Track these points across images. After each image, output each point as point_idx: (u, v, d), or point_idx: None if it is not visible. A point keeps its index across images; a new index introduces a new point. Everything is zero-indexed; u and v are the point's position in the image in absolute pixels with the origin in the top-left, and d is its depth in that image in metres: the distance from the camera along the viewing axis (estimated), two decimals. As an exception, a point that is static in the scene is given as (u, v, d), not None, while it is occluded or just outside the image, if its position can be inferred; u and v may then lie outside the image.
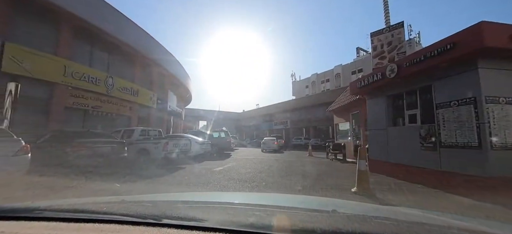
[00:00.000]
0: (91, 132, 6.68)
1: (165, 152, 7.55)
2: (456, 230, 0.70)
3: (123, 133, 8.56)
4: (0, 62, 8.30)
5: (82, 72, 11.20)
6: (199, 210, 0.90)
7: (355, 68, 40.25)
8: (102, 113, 12.70)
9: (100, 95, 12.38)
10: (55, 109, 10.13)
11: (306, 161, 10.85)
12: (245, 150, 20.16)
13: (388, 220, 0.82)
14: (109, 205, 0.88)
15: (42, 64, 9.50)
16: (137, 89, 15.04)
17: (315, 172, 7.31)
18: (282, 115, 39.20)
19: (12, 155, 4.28)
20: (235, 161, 10.32)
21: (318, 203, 1.51)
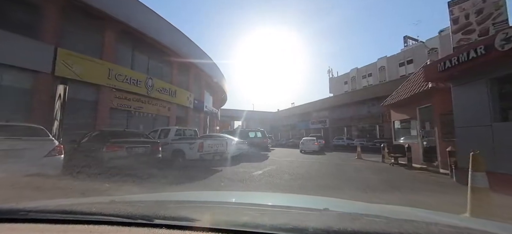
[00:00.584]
0: (127, 131, 6.47)
1: (200, 153, 6.96)
2: (442, 226, 0.72)
3: (160, 132, 8.33)
4: (54, 67, 8.84)
5: (125, 75, 11.58)
6: (191, 210, 0.90)
7: (404, 59, 35.74)
8: (143, 114, 13.07)
9: (141, 97, 12.72)
10: (102, 111, 10.59)
11: (358, 165, 9.23)
12: (282, 151, 19.02)
13: (379, 217, 0.83)
14: (98, 205, 0.86)
15: (89, 68, 9.97)
16: (175, 90, 15.24)
17: (380, 182, 5.78)
18: (319, 114, 36.81)
19: (44, 155, 4.01)
20: (274, 164, 9.32)
21: (311, 201, 1.56)
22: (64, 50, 9.18)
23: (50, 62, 8.79)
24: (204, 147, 7.01)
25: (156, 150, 6.15)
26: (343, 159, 11.91)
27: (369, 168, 8.22)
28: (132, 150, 5.52)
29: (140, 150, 5.68)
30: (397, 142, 8.99)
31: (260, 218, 0.76)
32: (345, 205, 1.40)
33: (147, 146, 5.87)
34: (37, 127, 4.67)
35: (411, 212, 1.14)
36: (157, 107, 13.93)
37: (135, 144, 5.65)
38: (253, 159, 10.70)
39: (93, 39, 10.70)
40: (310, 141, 17.57)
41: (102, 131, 5.80)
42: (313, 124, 37.58)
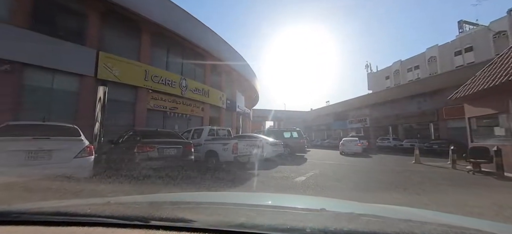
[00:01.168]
0: (159, 131, 6.18)
1: (235, 155, 6.31)
2: (436, 225, 0.71)
3: (193, 132, 7.98)
4: (96, 70, 9.21)
5: (160, 76, 11.71)
6: (187, 211, 0.88)
7: (461, 46, 30.94)
8: (178, 115, 13.15)
9: (176, 97, 12.79)
10: (139, 112, 10.81)
11: (424, 172, 7.56)
12: (318, 152, 17.58)
13: (375, 217, 0.84)
14: (93, 207, 0.84)
15: (127, 70, 10.23)
16: (207, 89, 15.13)
17: (491, 204, 4.23)
18: (358, 112, 33.79)
19: (74, 156, 3.72)
20: (316, 167, 8.23)
21: (308, 202, 1.56)
22: (105, 54, 9.52)
23: (93, 66, 9.17)
24: (238, 148, 6.35)
25: (189, 151, 5.68)
26: (397, 163, 10.17)
27: (443, 177, 6.51)
28: (163, 151, 5.12)
29: (172, 151, 5.25)
30: (477, 144, 7.06)
31: (257, 218, 0.76)
32: (342, 205, 1.43)
33: (179, 146, 5.42)
34: (70, 126, 4.51)
35: (407, 211, 1.17)
36: (191, 108, 13.93)
37: (166, 144, 5.24)
38: (290, 162, 9.74)
39: (130, 42, 11.02)
40: (351, 142, 15.84)
41: (135, 130, 5.58)
42: (351, 123, 34.73)
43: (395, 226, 0.65)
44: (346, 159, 12.07)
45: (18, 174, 3.23)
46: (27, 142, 3.44)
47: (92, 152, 4.08)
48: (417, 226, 0.67)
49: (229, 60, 17.27)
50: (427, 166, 9.00)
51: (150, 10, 10.78)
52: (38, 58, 7.96)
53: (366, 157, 14.14)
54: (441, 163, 10.12)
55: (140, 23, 10.90)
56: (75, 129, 4.45)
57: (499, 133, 6.69)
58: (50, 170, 3.47)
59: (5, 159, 3.24)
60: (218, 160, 6.59)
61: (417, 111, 24.66)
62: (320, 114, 44.18)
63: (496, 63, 6.70)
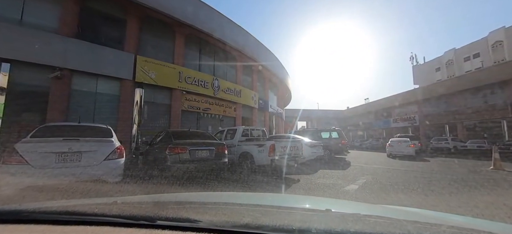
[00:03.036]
0: (191, 132, 5.83)
1: (271, 157, 5.62)
2: (445, 227, 0.69)
3: (226, 133, 7.55)
4: (134, 73, 9.49)
5: (193, 77, 11.71)
6: (193, 211, 0.88)
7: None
8: (210, 115, 13.05)
9: (208, 98, 12.70)
10: (174, 113, 10.91)
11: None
12: (360, 154, 15.84)
13: (382, 218, 0.81)
14: (100, 206, 0.84)
15: (162, 73, 10.38)
16: (239, 89, 14.79)
17: None
18: (404, 109, 30.15)
19: (104, 158, 3.47)
20: (366, 173, 7.05)
21: (313, 202, 1.52)
22: (142, 58, 9.78)
23: (131, 70, 9.47)
24: (276, 149, 5.64)
25: (222, 153, 5.19)
26: (469, 170, 8.26)
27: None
28: (195, 153, 4.70)
29: (204, 153, 4.80)
30: None
31: (262, 218, 0.75)
32: (348, 205, 1.42)
33: (211, 148, 4.95)
34: (104, 127, 4.37)
35: (415, 213, 1.14)
36: (224, 108, 13.73)
37: (199, 146, 4.82)
38: (332, 166, 8.67)
39: (165, 45, 11.22)
40: (402, 143, 13.79)
41: (167, 131, 5.32)
42: (396, 122, 31.20)
43: (403, 228, 0.65)
44: (398, 163, 10.41)
45: (48, 176, 3.04)
46: (58, 143, 3.28)
47: (123, 153, 3.81)
48: (425, 227, 0.66)
49: (261, 59, 16.74)
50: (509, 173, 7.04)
51: (183, 11, 10.83)
52: (83, 65, 8.46)
53: (421, 160, 12.09)
54: (533, 169, 7.91)
55: (174, 26, 11.03)
56: (108, 129, 4.28)
57: None
58: (79, 173, 3.25)
59: (37, 161, 3.10)
60: (253, 163, 5.98)
61: (483, 106, 20.73)
62: (358, 112, 40.90)
63: None
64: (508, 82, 18.59)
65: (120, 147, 3.79)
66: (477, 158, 12.85)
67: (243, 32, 14.99)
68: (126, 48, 9.59)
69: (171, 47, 11.32)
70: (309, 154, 8.38)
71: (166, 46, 11.23)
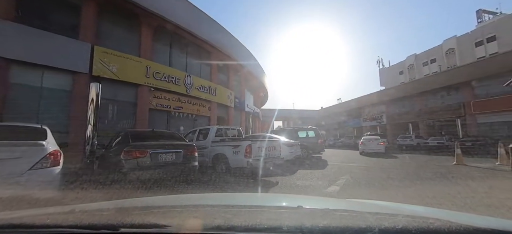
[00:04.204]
0: (155, 132, 5.07)
1: (248, 159, 5.14)
2: (402, 216, 0.74)
3: (198, 133, 6.88)
4: (91, 66, 8.30)
5: (163, 72, 10.73)
6: (160, 215, 0.85)
7: (482, 36, 28.97)
8: (183, 114, 12.15)
9: (180, 96, 11.80)
10: (141, 112, 9.85)
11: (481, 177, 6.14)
12: (335, 153, 16.16)
13: (347, 212, 0.90)
14: (54, 216, 0.77)
15: (127, 66, 9.29)
16: (214, 87, 14.07)
17: None
18: (374, 109, 31.95)
19: (30, 167, 2.66)
20: (344, 172, 6.95)
21: (285, 200, 1.52)
22: (101, 48, 8.61)
23: (87, 62, 8.26)
24: (252, 150, 5.17)
25: (191, 156, 4.55)
26: (435, 165, 8.69)
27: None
28: (158, 157, 4.01)
29: (169, 156, 4.13)
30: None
31: (233, 219, 0.73)
32: (318, 201, 1.48)
33: (178, 151, 4.29)
34: (37, 127, 3.50)
35: (377, 205, 1.19)
36: (197, 107, 12.90)
37: (162, 148, 4.12)
38: (310, 165, 8.49)
39: (129, 36, 10.10)
40: (373, 141, 14.37)
41: (126, 132, 4.52)
42: (365, 121, 32.93)
43: (366, 220, 0.71)
44: (371, 160, 10.66)
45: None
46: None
47: (59, 160, 3.01)
48: (384, 218, 0.72)
49: (237, 57, 16.19)
50: (477, 169, 7.51)
51: (151, 0, 9.82)
52: (25, 54, 7.11)
53: (391, 157, 12.66)
54: (488, 163, 8.58)
55: (140, 16, 9.96)
56: (43, 130, 3.41)
57: None
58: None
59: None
60: (228, 165, 5.44)
61: (441, 106, 22.72)
62: (331, 112, 42.50)
63: None
64: (461, 85, 20.60)
65: (55, 152, 2.98)
66: (439, 154, 13.87)
67: (218, 27, 14.30)
68: (81, 37, 8.35)
69: (137, 39, 10.22)
70: (287, 154, 8.08)
71: (131, 38, 10.10)
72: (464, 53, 29.84)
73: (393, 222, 0.65)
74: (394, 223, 0.64)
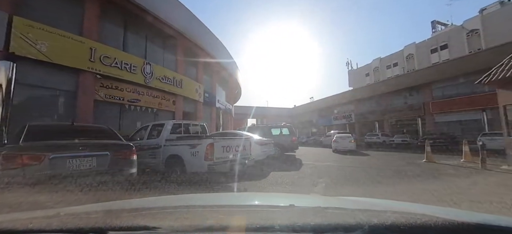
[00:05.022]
0: (74, 127, 3.65)
1: (210, 161, 4.07)
2: (391, 213, 0.76)
3: (150, 129, 5.57)
4: (8, 41, 6.36)
5: (114, 58, 8.98)
6: (150, 217, 0.82)
7: (437, 44, 31.65)
8: (141, 108, 10.49)
9: (138, 86, 10.13)
10: (83, 103, 8.05)
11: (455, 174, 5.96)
12: (308, 151, 15.85)
13: (337, 209, 0.91)
14: (38, 220, 0.71)
15: (63, 46, 7.43)
16: (180, 79, 12.56)
17: None
18: (344, 108, 33.03)
19: None
20: (321, 173, 6.30)
21: (277, 199, 1.54)
22: (23, 20, 6.67)
23: (3, 36, 6.31)
24: (215, 151, 4.11)
25: (125, 160, 3.30)
26: (407, 162, 8.61)
27: (497, 183, 4.87)
28: (65, 163, 2.71)
29: (86, 162, 2.85)
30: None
31: (225, 219, 0.75)
32: (309, 199, 1.49)
33: (102, 154, 3.03)
34: None
35: (366, 202, 1.21)
36: (159, 100, 11.31)
37: (73, 150, 2.83)
38: (284, 165, 7.74)
39: (67, 9, 8.17)
40: (345, 139, 14.35)
41: (29, 126, 3.10)
42: (336, 120, 33.89)
43: (356, 217, 0.70)
44: (346, 159, 10.35)
45: None
46: None
47: None
48: (375, 215, 0.73)
49: (207, 47, 14.82)
50: (447, 166, 7.50)
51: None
52: None
53: (362, 155, 12.69)
54: (454, 160, 8.77)
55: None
56: None
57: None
58: None
59: None
60: (183, 170, 4.30)
61: (404, 106, 24.17)
62: (304, 111, 43.16)
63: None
64: (421, 86, 22.07)
65: None
66: (406, 151, 14.35)
67: (186, 12, 12.78)
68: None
69: (79, 14, 8.33)
70: (259, 153, 7.19)
71: (70, 11, 8.19)
72: (422, 58, 32.33)
73: (382, 218, 0.66)
74: (384, 220, 0.65)
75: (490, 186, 4.60)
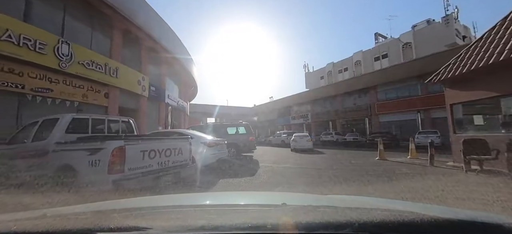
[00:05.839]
0: None
1: (115, 176, 2.69)
2: (380, 211, 0.76)
3: (39, 128, 3.78)
4: None
5: (5, 29, 6.50)
6: (141, 218, 0.81)
7: (379, 53, 35.44)
8: (54, 101, 8.04)
9: (49, 72, 7.72)
10: None
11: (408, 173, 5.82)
12: (266, 150, 15.23)
13: (328, 207, 0.93)
14: (22, 222, 0.69)
15: None
16: (116, 67, 10.32)
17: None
18: (301, 108, 34.00)
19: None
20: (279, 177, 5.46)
21: (269, 198, 1.51)
22: None
23: None
24: (127, 158, 2.75)
25: None
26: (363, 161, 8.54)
27: (453, 181, 4.72)
28: None
29: None
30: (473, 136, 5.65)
31: (218, 219, 0.73)
32: (301, 198, 1.48)
33: None
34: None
35: (356, 200, 1.26)
36: (84, 91, 8.96)
37: None
38: (237, 170, 6.69)
39: None
40: (303, 138, 14.32)
41: None
42: (294, 119, 34.70)
43: (346, 215, 0.71)
44: (304, 159, 9.89)
45: None
46: None
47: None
48: (364, 213, 0.73)
49: (155, 33, 12.72)
50: (398, 164, 7.57)
51: None
52: None
53: (319, 153, 12.65)
54: (402, 157, 9.11)
55: None
56: None
57: (504, 121, 5.44)
58: None
59: None
60: (77, 186, 2.78)
61: (354, 107, 25.93)
62: (264, 110, 43.16)
63: (500, 34, 5.36)
64: (368, 89, 24.01)
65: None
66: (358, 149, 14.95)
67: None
68: None
69: None
70: (208, 156, 5.96)
71: None
72: (367, 65, 35.65)
73: (371, 216, 0.67)
74: (373, 217, 0.65)
75: (445, 183, 4.43)
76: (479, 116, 6.08)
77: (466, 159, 5.25)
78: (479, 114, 5.98)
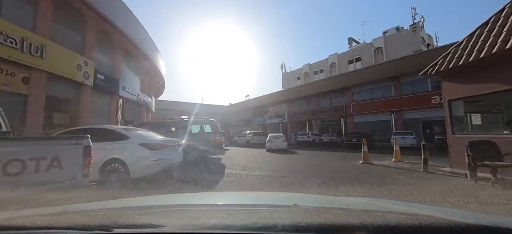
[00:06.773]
0: None
1: None
2: (395, 214, 0.75)
3: None
4: None
5: None
6: (154, 215, 0.84)
7: (353, 57, 36.47)
8: None
9: None
10: None
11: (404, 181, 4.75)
12: (239, 151, 13.69)
13: (341, 209, 0.90)
14: (45, 218, 0.72)
15: None
16: (43, 44, 7.92)
17: None
18: (277, 107, 33.09)
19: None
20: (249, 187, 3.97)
21: (280, 198, 1.51)
22: None
23: None
24: None
25: None
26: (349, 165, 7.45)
27: (462, 193, 3.68)
28: None
29: None
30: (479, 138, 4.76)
31: (229, 219, 0.73)
32: (312, 199, 1.46)
33: None
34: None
35: (371, 203, 1.19)
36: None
37: None
38: (194, 179, 5.04)
39: None
40: (279, 138, 13.40)
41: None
42: (270, 119, 33.66)
43: (360, 217, 0.68)
44: (279, 161, 8.56)
45: None
46: None
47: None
48: (379, 216, 0.70)
49: (102, 6, 10.37)
50: (386, 168, 6.58)
51: None
52: None
53: (291, 153, 11.63)
54: (386, 160, 8.28)
55: None
56: None
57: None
58: None
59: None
60: None
61: (330, 107, 25.64)
62: (240, 109, 41.55)
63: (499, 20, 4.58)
64: (343, 90, 23.89)
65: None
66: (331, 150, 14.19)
67: None
68: None
69: None
70: (149, 164, 4.26)
71: None
72: (342, 67, 36.27)
73: (387, 219, 0.65)
74: (388, 221, 0.64)
75: (457, 199, 3.37)
76: (478, 115, 5.28)
77: (472, 165, 4.29)
78: (485, 112, 5.17)
